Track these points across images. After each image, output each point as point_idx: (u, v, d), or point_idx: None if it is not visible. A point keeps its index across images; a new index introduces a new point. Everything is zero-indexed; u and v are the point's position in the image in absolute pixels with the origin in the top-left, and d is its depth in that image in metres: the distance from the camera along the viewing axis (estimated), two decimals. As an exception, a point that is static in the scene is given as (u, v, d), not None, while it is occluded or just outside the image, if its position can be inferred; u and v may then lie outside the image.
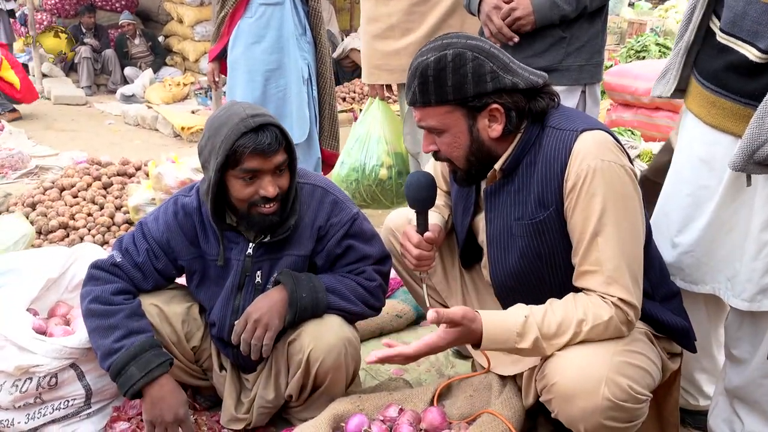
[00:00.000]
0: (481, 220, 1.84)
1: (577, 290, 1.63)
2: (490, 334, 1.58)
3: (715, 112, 1.69)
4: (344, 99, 7.80)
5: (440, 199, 2.02)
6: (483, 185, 1.78)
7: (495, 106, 1.61)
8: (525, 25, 2.26)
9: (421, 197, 1.78)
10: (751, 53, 1.56)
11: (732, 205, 1.69)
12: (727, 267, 1.74)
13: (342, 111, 7.35)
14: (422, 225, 1.81)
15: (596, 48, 2.36)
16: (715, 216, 1.73)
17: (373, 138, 3.37)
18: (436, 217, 1.95)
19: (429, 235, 1.79)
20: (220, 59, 3.74)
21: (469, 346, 2.00)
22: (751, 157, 1.49)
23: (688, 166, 1.81)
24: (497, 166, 1.69)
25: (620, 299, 1.55)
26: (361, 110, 7.16)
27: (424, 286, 1.88)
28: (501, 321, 1.60)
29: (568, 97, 2.33)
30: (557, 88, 2.27)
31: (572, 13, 2.24)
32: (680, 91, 1.84)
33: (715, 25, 1.69)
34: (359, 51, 8.66)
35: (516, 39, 2.27)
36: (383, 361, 1.63)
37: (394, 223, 2.09)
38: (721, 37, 1.65)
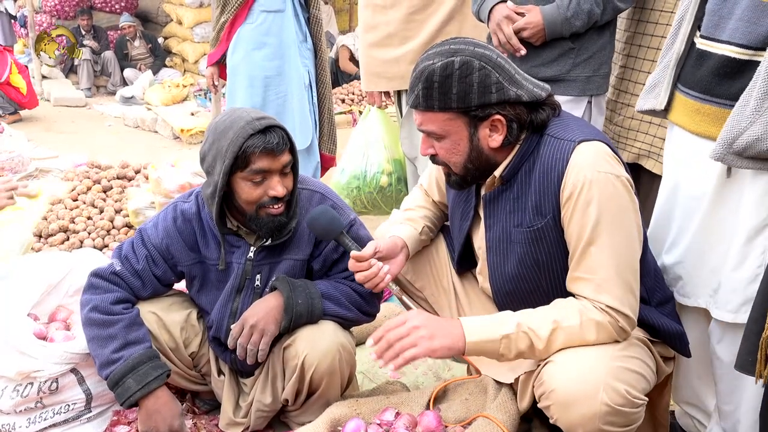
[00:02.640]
0: (479, 226, 1.85)
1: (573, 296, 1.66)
2: (474, 328, 1.61)
3: (699, 119, 1.68)
4: (343, 101, 7.81)
5: (420, 211, 2.03)
6: (482, 191, 1.79)
7: (497, 117, 1.61)
8: (534, 42, 2.29)
9: (321, 228, 1.84)
10: (732, 51, 1.56)
11: (718, 215, 1.69)
12: (712, 279, 1.73)
13: (341, 113, 7.37)
14: (348, 247, 1.83)
15: (604, 59, 2.35)
16: (702, 225, 1.73)
17: (373, 145, 3.38)
18: (403, 229, 1.96)
19: (355, 254, 1.80)
20: (219, 63, 3.75)
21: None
22: (730, 146, 1.49)
23: (675, 177, 1.81)
24: (497, 173, 1.70)
25: (608, 306, 1.57)
26: (360, 112, 7.21)
27: (404, 297, 1.88)
28: (483, 318, 1.65)
29: (574, 108, 2.33)
30: (563, 98, 2.28)
31: (583, 28, 2.25)
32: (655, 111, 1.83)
33: (696, 37, 1.69)
34: (348, 48, 8.70)
35: (523, 52, 2.28)
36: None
37: (380, 234, 2.11)
38: (702, 43, 1.66)
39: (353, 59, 8.63)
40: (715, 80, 1.63)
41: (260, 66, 3.53)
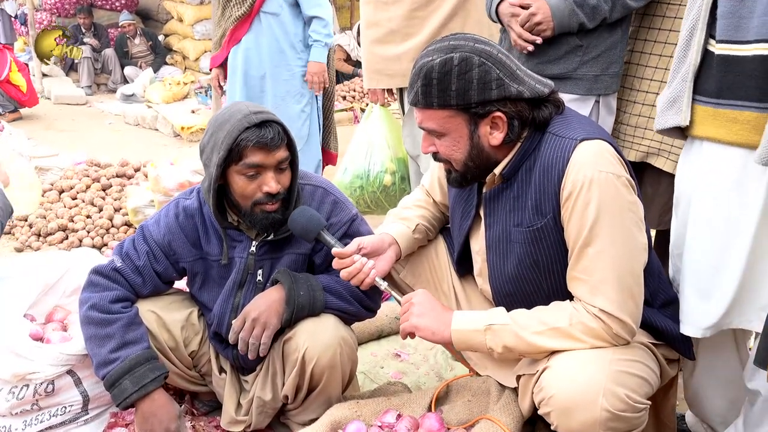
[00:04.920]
0: (479, 227, 1.82)
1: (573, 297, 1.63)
2: (461, 318, 1.67)
3: (738, 129, 1.55)
4: (344, 98, 7.79)
5: (416, 210, 2.01)
6: (484, 189, 1.76)
7: (498, 114, 1.58)
8: (545, 30, 2.22)
9: (300, 228, 1.85)
10: (766, 49, 1.46)
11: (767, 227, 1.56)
12: (757, 295, 1.60)
13: (342, 110, 7.36)
14: (330, 244, 1.84)
15: (613, 58, 2.29)
16: (755, 243, 1.58)
17: (376, 144, 3.37)
18: (394, 227, 1.94)
19: (336, 251, 1.81)
20: (224, 65, 3.79)
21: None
22: None
23: (712, 200, 1.65)
24: (497, 170, 1.67)
25: (601, 310, 1.54)
26: (362, 110, 7.19)
27: (394, 294, 1.85)
28: (475, 312, 1.70)
29: (581, 107, 2.27)
30: (570, 97, 2.23)
31: (590, 23, 2.19)
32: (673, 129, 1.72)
33: (711, 45, 1.60)
34: (343, 49, 8.71)
35: (539, 40, 2.22)
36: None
37: None
38: (723, 49, 1.55)
39: (348, 60, 8.63)
40: (749, 83, 1.51)
41: (256, 66, 3.59)
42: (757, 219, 1.56)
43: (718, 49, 1.57)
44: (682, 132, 1.71)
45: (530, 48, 2.24)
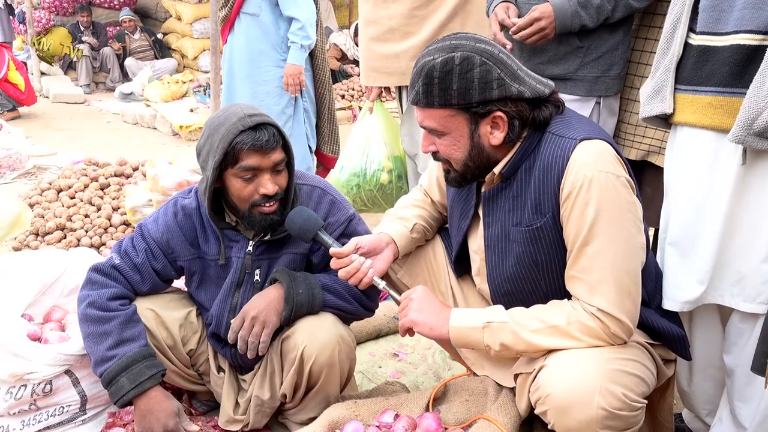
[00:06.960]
0: (477, 226, 1.82)
1: (571, 297, 1.63)
2: (459, 316, 1.68)
3: (713, 113, 1.64)
4: (343, 96, 7.79)
5: (414, 210, 2.01)
6: (483, 189, 1.76)
7: (498, 113, 1.58)
8: (549, 34, 2.20)
9: (297, 228, 1.85)
10: (743, 38, 1.55)
11: (738, 206, 1.64)
12: (730, 271, 1.68)
13: (341, 108, 7.36)
14: (327, 244, 1.84)
15: (615, 60, 2.28)
16: (727, 220, 1.66)
17: (373, 142, 3.36)
18: (391, 226, 1.95)
19: (333, 250, 1.81)
20: None
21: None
22: (750, 127, 1.48)
23: (688, 180, 1.74)
24: (497, 170, 1.67)
25: (599, 309, 1.54)
26: (360, 108, 7.18)
27: (392, 292, 1.85)
28: (472, 309, 1.71)
29: (581, 109, 2.27)
30: (570, 98, 2.23)
31: (592, 24, 2.18)
32: (657, 117, 1.80)
33: (690, 37, 1.68)
34: (338, 48, 8.72)
35: (509, 46, 2.23)
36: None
37: None
38: (702, 40, 1.64)
39: (344, 58, 8.62)
40: (724, 71, 1.61)
41: (238, 65, 3.67)
42: (728, 198, 1.63)
43: (697, 40, 1.66)
44: (664, 120, 1.80)
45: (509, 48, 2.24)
